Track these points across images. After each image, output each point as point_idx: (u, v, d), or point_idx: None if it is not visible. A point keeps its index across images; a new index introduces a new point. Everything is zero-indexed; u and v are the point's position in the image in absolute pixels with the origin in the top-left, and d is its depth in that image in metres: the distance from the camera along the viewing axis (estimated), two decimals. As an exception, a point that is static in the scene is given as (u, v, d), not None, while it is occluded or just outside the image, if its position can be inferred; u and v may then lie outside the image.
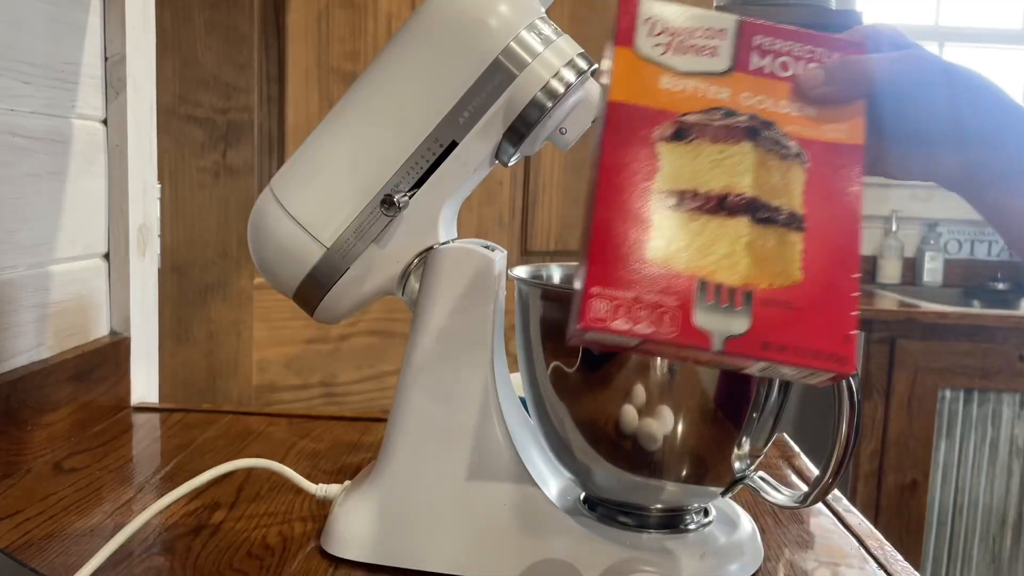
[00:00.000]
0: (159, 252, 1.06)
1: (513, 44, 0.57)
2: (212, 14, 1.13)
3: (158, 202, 1.06)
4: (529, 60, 0.58)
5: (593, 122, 0.61)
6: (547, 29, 0.59)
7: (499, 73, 0.58)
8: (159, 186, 1.07)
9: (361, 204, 0.60)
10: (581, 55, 0.59)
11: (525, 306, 0.62)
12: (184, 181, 1.15)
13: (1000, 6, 2.85)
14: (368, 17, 1.23)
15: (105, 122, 0.93)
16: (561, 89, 0.58)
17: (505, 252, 0.65)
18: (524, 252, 1.42)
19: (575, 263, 0.73)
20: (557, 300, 0.60)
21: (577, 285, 0.46)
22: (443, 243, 0.63)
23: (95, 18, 0.90)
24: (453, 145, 0.59)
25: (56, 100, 0.84)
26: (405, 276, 0.63)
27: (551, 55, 0.58)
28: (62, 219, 0.85)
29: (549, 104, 0.58)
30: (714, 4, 1.45)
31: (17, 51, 0.77)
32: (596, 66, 0.60)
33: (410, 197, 0.60)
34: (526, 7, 0.58)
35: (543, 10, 0.59)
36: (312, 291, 0.62)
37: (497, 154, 0.60)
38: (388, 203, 0.59)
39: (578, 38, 0.61)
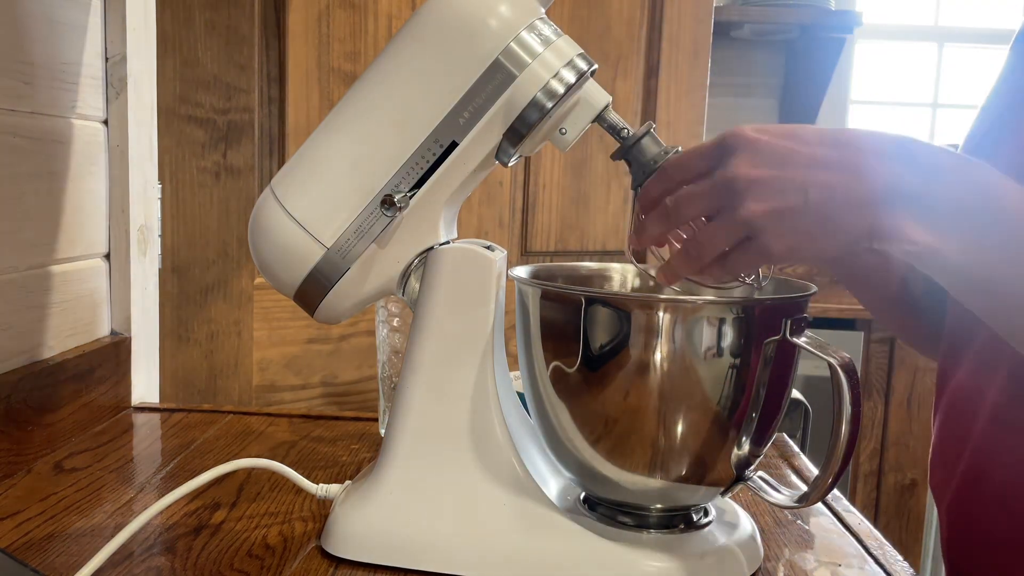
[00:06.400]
0: (160, 252, 1.06)
1: (513, 45, 0.57)
2: (212, 14, 1.13)
3: (159, 202, 1.06)
4: (529, 61, 0.58)
5: (592, 122, 0.61)
6: (547, 30, 0.59)
7: (499, 74, 0.58)
8: (160, 186, 1.07)
9: (361, 204, 0.60)
10: (581, 55, 0.59)
11: (525, 306, 0.62)
12: (184, 181, 1.15)
13: (1000, 6, 2.85)
14: (368, 18, 1.23)
15: (106, 122, 0.93)
16: (561, 89, 0.58)
17: (505, 252, 0.65)
18: (524, 252, 1.42)
19: (575, 263, 0.73)
20: (557, 300, 0.60)
21: None
22: (443, 243, 0.63)
23: (95, 18, 0.90)
24: (453, 145, 0.59)
25: (57, 100, 0.84)
26: (405, 276, 0.63)
27: (551, 55, 0.58)
28: (63, 219, 0.85)
29: (549, 104, 0.58)
30: (713, 3, 1.45)
31: (17, 51, 0.77)
32: (595, 67, 0.60)
33: (410, 197, 0.60)
34: (526, 8, 0.58)
35: (543, 11, 0.59)
36: (313, 291, 0.62)
37: (497, 154, 0.60)
38: (388, 203, 0.59)
39: (578, 38, 0.61)
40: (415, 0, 1.26)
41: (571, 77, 0.58)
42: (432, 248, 0.62)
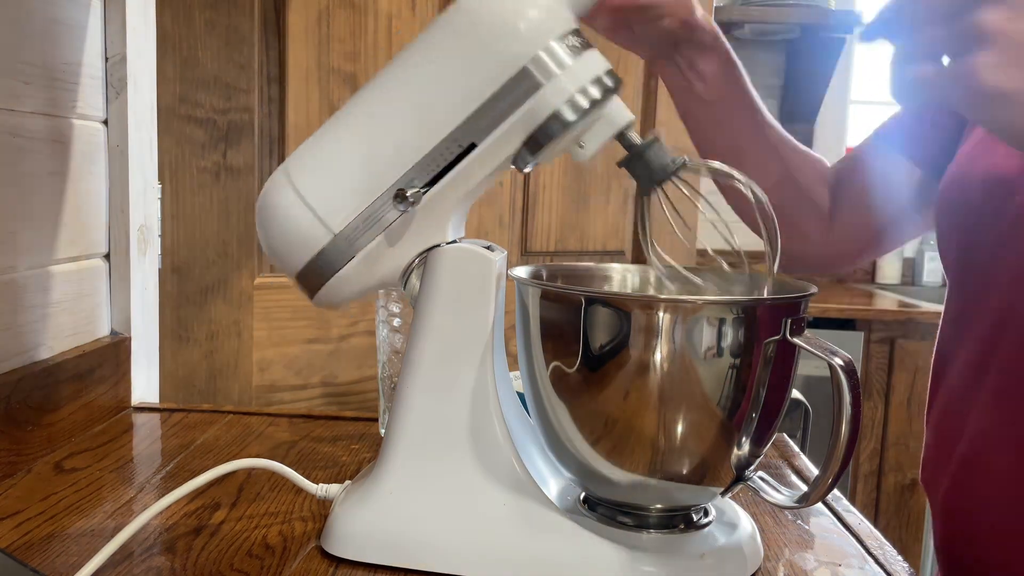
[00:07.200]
0: (159, 252, 1.07)
1: (542, 53, 0.57)
2: (212, 14, 1.13)
3: (158, 202, 1.06)
4: (557, 72, 0.57)
5: (613, 138, 0.61)
6: (577, 42, 0.58)
7: (525, 81, 0.57)
8: (159, 186, 1.07)
9: (374, 195, 0.60)
10: (609, 72, 0.58)
11: (525, 306, 0.62)
12: (184, 181, 1.15)
13: (1000, 6, 2.84)
14: (368, 18, 1.23)
15: (106, 122, 0.93)
16: (585, 104, 0.57)
17: (505, 252, 0.65)
18: (524, 252, 1.42)
19: (575, 263, 0.73)
20: (557, 300, 0.60)
21: None
22: (450, 242, 0.62)
23: (95, 18, 0.90)
24: (472, 147, 0.59)
25: (57, 100, 0.84)
26: (407, 273, 0.63)
27: (579, 69, 0.57)
28: (63, 219, 0.85)
29: (572, 118, 0.57)
30: (713, 3, 1.45)
31: (17, 51, 0.77)
32: (622, 83, 0.60)
33: (423, 193, 0.59)
34: (558, 17, 0.58)
35: (575, 23, 0.59)
36: (315, 275, 0.62)
37: (515, 160, 0.60)
38: (401, 197, 0.58)
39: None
40: (415, 1, 1.26)
41: (596, 93, 0.57)
42: (435, 247, 0.62)
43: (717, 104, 0.79)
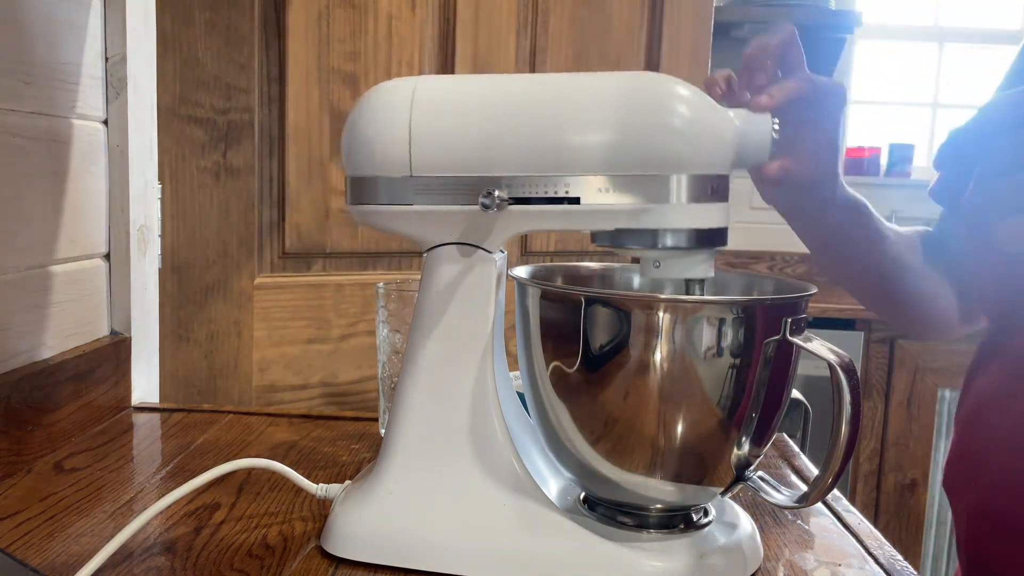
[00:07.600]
0: (159, 252, 1.06)
1: (681, 178, 0.57)
2: (212, 15, 1.13)
3: (158, 202, 1.06)
4: (679, 202, 0.57)
5: (681, 280, 0.61)
6: (713, 187, 0.58)
7: (659, 188, 0.57)
8: (159, 186, 1.07)
9: (467, 171, 0.59)
10: (719, 231, 0.59)
11: (525, 306, 0.62)
12: (184, 181, 1.15)
13: (1000, 6, 2.85)
14: (368, 18, 1.23)
15: (106, 122, 0.93)
16: (683, 245, 0.58)
17: (505, 252, 0.65)
18: (524, 252, 1.42)
19: (575, 263, 0.73)
20: (557, 300, 0.60)
21: None
22: (450, 242, 0.62)
23: (95, 18, 0.90)
24: (576, 200, 0.58)
25: (56, 100, 0.84)
26: (430, 252, 0.62)
27: (695, 213, 0.57)
28: (62, 219, 0.85)
29: (666, 244, 0.58)
30: (713, 3, 1.45)
31: (17, 51, 0.77)
32: (724, 245, 0.59)
33: (507, 204, 0.58)
34: (718, 155, 0.58)
35: (729, 169, 0.59)
36: (367, 192, 0.61)
37: (595, 234, 0.60)
38: (488, 194, 0.58)
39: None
40: (415, 0, 1.26)
41: (697, 241, 0.58)
42: (438, 246, 0.62)
43: (843, 243, 0.81)
